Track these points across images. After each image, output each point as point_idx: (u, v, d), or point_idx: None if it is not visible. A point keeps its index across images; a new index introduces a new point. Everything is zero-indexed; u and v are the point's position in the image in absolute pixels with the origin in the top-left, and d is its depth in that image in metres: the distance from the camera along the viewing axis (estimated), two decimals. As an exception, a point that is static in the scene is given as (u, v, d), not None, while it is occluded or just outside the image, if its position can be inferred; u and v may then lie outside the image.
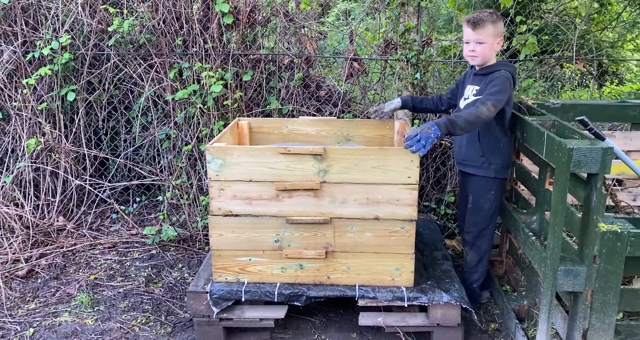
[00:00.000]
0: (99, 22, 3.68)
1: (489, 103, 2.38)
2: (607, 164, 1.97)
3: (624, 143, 3.08)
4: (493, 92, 2.44)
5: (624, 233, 2.03)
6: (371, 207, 2.45)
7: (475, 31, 2.52)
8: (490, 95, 2.43)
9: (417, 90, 3.68)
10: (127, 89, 3.90)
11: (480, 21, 2.50)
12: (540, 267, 2.25)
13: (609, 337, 2.17)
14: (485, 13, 2.53)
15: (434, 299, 2.46)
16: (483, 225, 2.74)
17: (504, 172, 2.68)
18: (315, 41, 3.74)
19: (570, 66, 5.55)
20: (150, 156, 3.98)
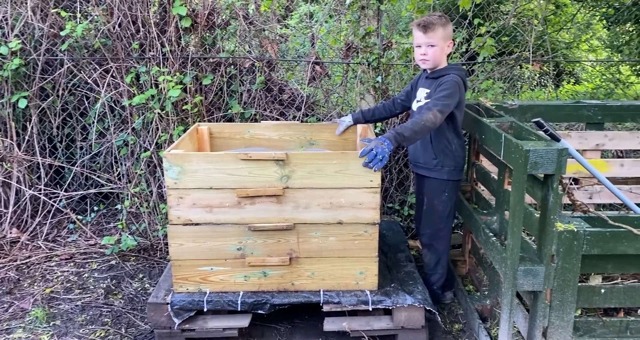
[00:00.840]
0: (50, 26, 3.56)
1: (435, 109, 2.41)
2: (563, 164, 2.01)
3: (579, 142, 3.16)
4: (440, 97, 2.47)
5: (580, 232, 2.07)
6: (334, 211, 2.43)
7: (426, 35, 2.54)
8: (437, 101, 2.46)
9: (379, 93, 3.69)
10: (82, 94, 3.78)
11: (430, 24, 2.52)
12: (500, 267, 2.28)
13: (568, 334, 2.21)
14: (434, 16, 2.55)
15: (398, 302, 2.47)
16: (438, 226, 2.76)
17: (457, 174, 2.70)
18: (277, 44, 3.71)
19: (528, 67, 5.68)
20: (108, 163, 3.87)
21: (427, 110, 2.43)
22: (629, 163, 3.20)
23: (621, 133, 3.17)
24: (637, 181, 3.24)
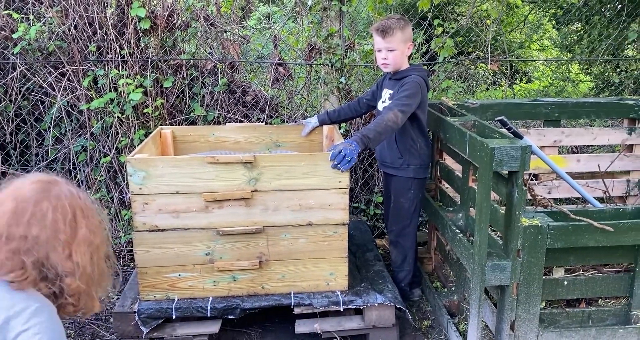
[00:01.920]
0: (1, 28, 3.41)
1: (396, 109, 2.45)
2: (527, 161, 2.07)
3: (537, 139, 3.25)
4: (401, 98, 2.50)
5: (544, 226, 2.13)
6: (304, 213, 2.43)
7: (385, 39, 2.56)
8: (398, 101, 2.50)
9: (342, 94, 3.71)
10: (37, 99, 3.64)
11: (388, 29, 2.54)
12: (468, 264, 2.33)
13: (534, 326, 2.28)
14: (392, 20, 2.58)
15: (368, 301, 2.48)
16: (404, 223, 2.80)
17: (422, 172, 2.75)
18: (239, 45, 3.68)
19: (483, 66, 5.83)
20: (66, 170, 3.74)
21: (388, 110, 2.47)
22: (585, 158, 3.32)
23: (577, 129, 3.29)
24: (592, 176, 3.36)
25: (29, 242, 1.25)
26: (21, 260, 1.24)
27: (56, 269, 1.28)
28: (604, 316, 2.38)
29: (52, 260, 1.28)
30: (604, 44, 4.86)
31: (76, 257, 1.31)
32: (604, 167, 3.26)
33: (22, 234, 1.25)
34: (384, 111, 2.62)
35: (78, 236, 1.32)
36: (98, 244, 1.38)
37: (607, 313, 2.38)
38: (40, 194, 1.31)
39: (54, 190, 1.33)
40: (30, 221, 1.26)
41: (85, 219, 1.35)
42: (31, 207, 1.28)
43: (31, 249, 1.25)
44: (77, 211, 1.34)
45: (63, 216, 1.30)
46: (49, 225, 1.28)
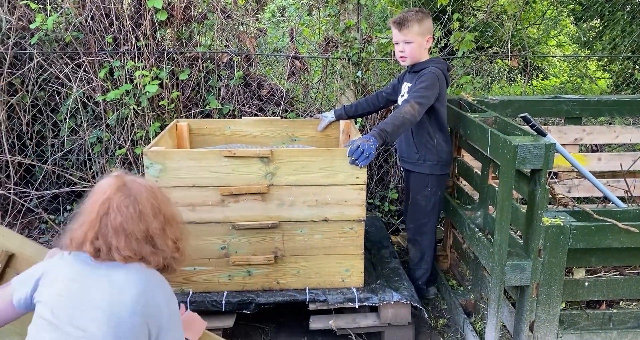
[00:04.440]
0: (19, 18, 3.41)
1: (413, 101, 2.39)
2: (550, 159, 2.02)
3: (558, 137, 3.20)
4: (417, 89, 2.45)
5: (566, 226, 2.08)
6: (320, 208, 2.40)
7: (402, 32, 2.52)
8: (414, 92, 2.45)
9: (358, 88, 3.67)
10: (53, 90, 3.64)
11: (405, 21, 2.50)
12: (487, 263, 2.28)
13: (554, 327, 2.23)
14: (411, 12, 2.53)
15: (384, 299, 2.45)
16: (422, 221, 2.76)
17: (439, 168, 2.68)
18: (255, 38, 3.64)
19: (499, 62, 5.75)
20: (81, 161, 3.74)
21: (405, 103, 2.42)
22: (606, 157, 3.26)
23: (599, 127, 3.22)
24: (613, 175, 3.30)
25: (147, 236, 1.53)
26: (146, 251, 1.53)
27: (164, 250, 1.57)
28: (625, 319, 2.33)
29: (159, 244, 1.56)
30: (627, 41, 4.76)
31: (172, 235, 1.59)
32: (626, 166, 3.20)
33: (142, 230, 1.52)
34: (400, 105, 2.58)
35: (166, 218, 1.58)
36: (175, 213, 1.64)
37: (629, 315, 2.33)
38: (125, 196, 1.52)
39: (133, 187, 1.54)
40: (140, 218, 1.51)
41: (160, 200, 1.58)
42: (132, 207, 1.51)
43: (147, 240, 1.53)
44: (156, 197, 1.57)
45: (152, 208, 1.54)
46: (146, 218, 1.52)
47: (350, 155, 2.26)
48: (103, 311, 1.45)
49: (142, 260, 1.53)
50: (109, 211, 1.49)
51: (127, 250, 1.49)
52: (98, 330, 1.43)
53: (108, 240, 1.48)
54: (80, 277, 1.49)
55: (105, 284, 1.48)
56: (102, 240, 1.48)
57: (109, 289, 1.47)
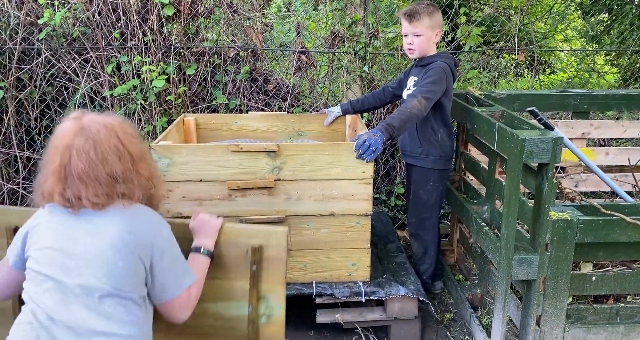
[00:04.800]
0: (27, 14, 3.42)
1: (420, 96, 2.39)
2: (558, 153, 2.01)
3: (565, 131, 3.18)
4: (425, 84, 2.44)
5: (573, 220, 2.08)
6: (327, 203, 2.41)
7: (412, 24, 2.51)
8: (421, 87, 2.44)
9: (365, 83, 3.66)
10: (61, 85, 3.66)
11: (415, 14, 2.49)
12: (494, 257, 2.29)
13: (561, 321, 2.23)
14: (421, 5, 2.52)
15: (391, 293, 2.46)
16: (424, 216, 2.75)
17: (442, 163, 2.68)
18: (261, 33, 3.64)
19: (506, 56, 5.72)
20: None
21: (412, 97, 2.41)
22: (614, 151, 3.24)
23: (607, 122, 3.21)
24: (621, 169, 3.28)
25: (115, 178, 1.44)
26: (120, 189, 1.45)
27: (141, 185, 1.50)
28: (632, 313, 2.33)
29: (133, 181, 1.47)
30: (635, 35, 4.72)
31: (144, 172, 1.51)
32: (634, 160, 3.18)
33: (108, 173, 1.43)
34: (407, 99, 2.58)
35: (133, 156, 1.48)
36: (142, 148, 1.53)
37: (636, 310, 2.32)
38: (85, 140, 1.42)
39: (92, 129, 1.44)
40: (104, 162, 1.42)
41: (123, 138, 1.47)
42: (92, 151, 1.42)
43: (117, 181, 1.44)
44: (117, 136, 1.46)
45: (115, 148, 1.44)
46: (109, 161, 1.43)
47: (357, 149, 2.26)
48: (93, 257, 1.40)
49: (122, 198, 1.46)
50: (70, 160, 1.41)
51: (96, 197, 1.41)
52: (93, 276, 1.39)
53: (76, 190, 1.41)
54: (64, 228, 1.45)
55: (88, 231, 1.43)
56: (70, 191, 1.42)
57: (93, 234, 1.43)
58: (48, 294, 1.41)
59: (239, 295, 1.68)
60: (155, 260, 1.48)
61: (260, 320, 1.69)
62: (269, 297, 1.68)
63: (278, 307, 1.68)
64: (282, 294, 1.68)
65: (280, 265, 1.66)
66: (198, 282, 1.58)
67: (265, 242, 1.66)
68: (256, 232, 1.68)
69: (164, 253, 1.50)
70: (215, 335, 1.71)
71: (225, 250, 1.69)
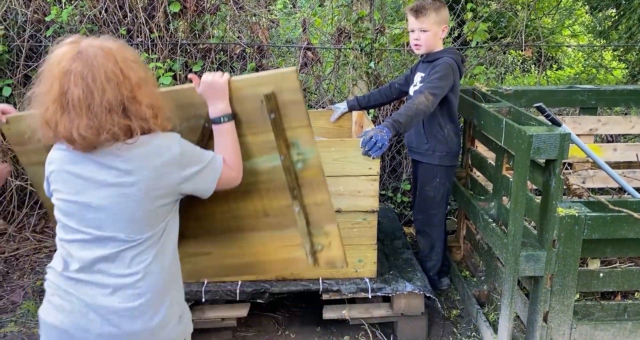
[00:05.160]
0: (34, 11, 3.44)
1: (427, 92, 2.37)
2: (565, 149, 2.00)
3: (573, 127, 3.16)
4: (432, 80, 2.43)
5: (581, 217, 2.07)
6: (333, 199, 2.38)
7: (418, 19, 2.51)
8: (428, 83, 2.43)
9: (371, 79, 3.66)
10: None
11: (422, 9, 2.49)
12: (501, 253, 2.28)
13: (568, 318, 2.23)
14: (428, 1, 2.51)
15: (397, 289, 2.46)
16: (430, 212, 2.75)
17: (449, 159, 2.67)
18: (267, 30, 3.64)
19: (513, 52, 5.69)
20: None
21: (419, 93, 2.40)
22: (622, 147, 3.23)
23: (614, 117, 3.19)
24: (628, 165, 3.27)
25: (109, 108, 1.32)
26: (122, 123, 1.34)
27: (143, 117, 1.36)
28: (640, 310, 2.32)
29: (133, 112, 1.35)
30: (644, 30, 4.69)
31: (146, 100, 1.37)
32: (642, 156, 3.17)
33: (102, 102, 1.31)
34: (414, 95, 2.57)
35: (133, 82, 1.35)
36: (144, 75, 1.40)
37: (644, 306, 2.32)
38: (77, 60, 1.31)
39: (89, 54, 1.33)
40: (103, 89, 1.31)
41: (122, 64, 1.35)
42: (90, 77, 1.31)
43: (113, 112, 1.32)
44: (116, 61, 1.34)
45: (113, 74, 1.32)
46: (110, 87, 1.32)
47: (363, 146, 2.25)
48: (110, 210, 1.36)
49: (119, 134, 1.33)
50: (69, 86, 1.30)
51: (89, 129, 1.30)
52: (111, 227, 1.36)
53: (69, 121, 1.31)
54: (76, 178, 1.38)
55: (100, 181, 1.36)
56: (66, 121, 1.32)
57: (107, 187, 1.36)
58: (75, 245, 1.40)
59: (267, 147, 1.61)
60: (181, 184, 1.43)
61: (296, 166, 1.64)
62: (298, 142, 1.62)
63: (310, 151, 1.62)
64: (310, 136, 1.61)
65: (298, 108, 1.56)
66: (229, 150, 1.55)
67: (276, 88, 1.54)
68: (264, 78, 1.56)
69: (184, 171, 1.43)
70: (258, 191, 1.68)
71: (239, 107, 1.59)
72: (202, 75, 1.54)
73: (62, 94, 1.30)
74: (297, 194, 1.67)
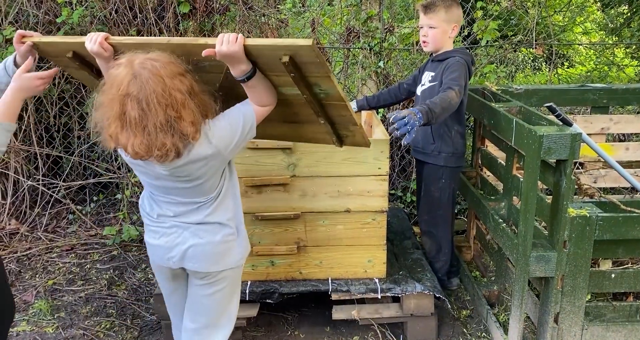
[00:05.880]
0: (45, 13, 3.47)
1: (456, 88, 2.31)
2: (576, 150, 1.99)
3: (584, 126, 3.13)
4: (454, 78, 2.38)
5: (592, 217, 2.05)
6: (342, 199, 2.41)
7: (427, 15, 2.48)
8: (452, 81, 2.38)
9: (380, 78, 3.65)
10: (79, 83, 3.70)
11: (432, 5, 2.46)
12: (512, 254, 2.27)
13: (579, 319, 2.21)
14: None
15: (407, 290, 2.45)
16: (436, 213, 2.72)
17: (455, 160, 2.63)
18: (277, 29, 3.65)
19: (524, 50, 5.65)
20: (107, 153, 3.81)
21: (448, 89, 2.31)
22: (634, 146, 3.19)
23: (627, 116, 3.16)
24: (641, 165, 3.23)
25: (162, 127, 1.51)
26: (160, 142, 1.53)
27: (184, 132, 1.54)
28: (653, 311, 2.30)
29: (177, 130, 1.53)
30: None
31: (189, 117, 1.53)
32: (655, 156, 3.13)
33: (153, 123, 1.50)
34: (424, 94, 2.55)
35: (179, 103, 1.51)
36: (191, 90, 1.55)
37: (657, 308, 2.29)
38: (133, 84, 1.48)
39: (142, 78, 1.48)
40: (152, 111, 1.49)
41: (172, 82, 1.50)
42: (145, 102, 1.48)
43: (161, 131, 1.51)
44: (165, 84, 1.49)
45: (164, 97, 1.49)
46: (161, 109, 1.49)
47: (394, 122, 2.03)
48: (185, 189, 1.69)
49: (170, 152, 1.53)
50: (126, 108, 1.49)
51: (140, 145, 1.51)
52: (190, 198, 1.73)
53: (125, 138, 1.52)
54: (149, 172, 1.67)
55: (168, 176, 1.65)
56: (123, 138, 1.52)
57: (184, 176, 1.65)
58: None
59: (290, 83, 1.64)
60: (232, 153, 1.69)
61: (318, 97, 1.69)
62: (318, 83, 1.63)
63: (332, 88, 1.63)
64: (331, 83, 1.61)
65: (318, 65, 1.55)
66: (262, 94, 1.66)
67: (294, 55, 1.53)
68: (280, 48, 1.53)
69: (227, 150, 1.66)
70: (288, 105, 1.77)
71: (259, 59, 1.60)
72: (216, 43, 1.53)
73: (122, 114, 1.49)
74: (321, 113, 1.77)
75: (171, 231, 1.77)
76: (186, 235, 1.76)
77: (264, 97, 1.68)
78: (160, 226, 1.79)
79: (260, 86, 1.65)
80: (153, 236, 1.81)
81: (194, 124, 1.55)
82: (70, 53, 1.79)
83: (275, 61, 1.55)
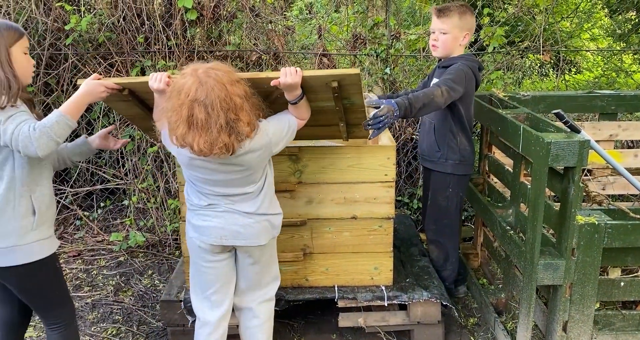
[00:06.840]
0: (54, 20, 3.50)
1: (443, 87, 2.30)
2: (584, 157, 1.98)
3: (592, 133, 3.12)
4: (447, 79, 2.37)
5: (601, 225, 2.04)
6: (348, 206, 2.40)
7: (440, 19, 2.47)
8: (445, 81, 2.36)
9: (387, 85, 3.65)
10: (87, 89, 3.72)
11: (446, 10, 2.45)
12: (519, 262, 2.25)
13: (588, 327, 2.19)
14: (455, 4, 2.48)
15: (414, 297, 2.44)
16: (443, 222, 2.70)
17: (462, 168, 2.61)
18: (283, 36, 3.66)
19: (531, 56, 5.63)
20: (114, 159, 3.83)
21: (436, 86, 2.33)
22: (643, 153, 3.17)
23: (635, 123, 3.14)
24: (650, 172, 3.20)
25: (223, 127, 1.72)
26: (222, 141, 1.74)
27: (240, 131, 1.76)
28: (663, 320, 2.27)
29: (235, 129, 1.75)
30: (665, 33, 4.61)
31: (246, 118, 1.76)
32: (664, 163, 3.10)
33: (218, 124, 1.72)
34: (432, 86, 2.52)
35: (237, 107, 1.73)
36: (245, 94, 1.77)
37: (667, 317, 2.26)
38: (200, 90, 1.69)
39: (207, 85, 1.69)
40: (216, 114, 1.70)
41: (232, 88, 1.72)
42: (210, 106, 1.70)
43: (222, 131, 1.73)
44: (227, 90, 1.71)
45: (226, 102, 1.70)
46: (223, 112, 1.71)
47: (373, 117, 2.13)
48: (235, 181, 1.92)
49: (229, 148, 1.75)
50: (194, 112, 1.69)
51: (204, 144, 1.71)
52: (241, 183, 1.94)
53: (191, 137, 1.72)
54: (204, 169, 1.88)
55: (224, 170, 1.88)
56: (189, 137, 1.72)
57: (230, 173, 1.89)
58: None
59: (325, 98, 2.02)
60: (278, 145, 1.95)
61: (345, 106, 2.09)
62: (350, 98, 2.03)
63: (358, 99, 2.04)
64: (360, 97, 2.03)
65: (356, 88, 1.95)
66: (303, 111, 1.99)
67: (341, 81, 1.90)
68: (332, 76, 1.89)
69: (277, 147, 1.95)
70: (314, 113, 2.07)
71: (307, 86, 1.93)
72: (281, 74, 1.84)
73: (190, 116, 1.70)
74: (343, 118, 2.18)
75: (224, 215, 1.96)
76: (237, 216, 1.96)
77: (304, 113, 2.00)
78: (213, 210, 1.97)
79: (304, 106, 1.97)
80: (204, 219, 1.98)
81: (249, 124, 1.77)
82: (126, 91, 1.97)
83: (322, 85, 1.92)
